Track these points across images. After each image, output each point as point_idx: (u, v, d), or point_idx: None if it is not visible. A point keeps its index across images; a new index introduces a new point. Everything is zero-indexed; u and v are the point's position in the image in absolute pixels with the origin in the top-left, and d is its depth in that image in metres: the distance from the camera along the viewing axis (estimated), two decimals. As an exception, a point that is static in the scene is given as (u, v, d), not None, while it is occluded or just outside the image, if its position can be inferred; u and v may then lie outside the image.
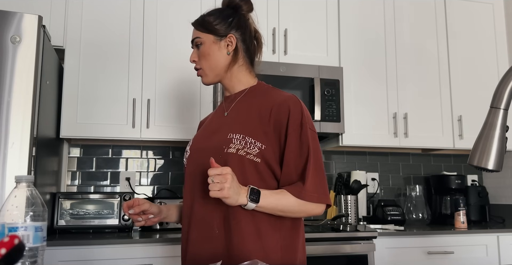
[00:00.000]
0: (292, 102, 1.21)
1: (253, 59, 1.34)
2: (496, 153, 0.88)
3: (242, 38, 1.30)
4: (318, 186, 1.16)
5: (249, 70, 1.33)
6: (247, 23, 1.33)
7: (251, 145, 1.18)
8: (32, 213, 0.82)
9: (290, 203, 1.15)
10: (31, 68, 1.72)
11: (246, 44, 1.31)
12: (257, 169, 1.18)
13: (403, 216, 2.70)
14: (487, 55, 2.98)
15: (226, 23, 1.30)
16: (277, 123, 1.19)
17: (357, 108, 2.68)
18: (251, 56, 1.33)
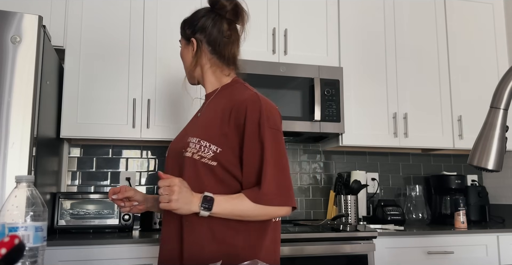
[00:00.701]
0: (250, 101, 1.18)
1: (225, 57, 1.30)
2: (496, 153, 0.88)
3: (207, 40, 1.29)
4: (277, 188, 1.13)
5: (220, 70, 1.31)
6: (216, 22, 1.29)
7: (205, 149, 1.17)
8: (32, 213, 0.82)
9: (247, 208, 1.12)
10: (31, 68, 1.72)
11: (213, 44, 1.29)
12: (213, 173, 1.16)
13: (403, 216, 2.70)
14: (487, 55, 2.98)
15: (192, 26, 1.31)
16: (236, 124, 1.17)
17: (357, 108, 2.68)
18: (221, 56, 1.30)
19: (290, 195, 1.15)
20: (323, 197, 2.91)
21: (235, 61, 1.33)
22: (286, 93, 2.48)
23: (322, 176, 2.94)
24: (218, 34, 1.28)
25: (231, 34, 1.30)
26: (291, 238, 2.11)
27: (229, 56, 1.30)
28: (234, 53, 1.31)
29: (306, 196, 2.89)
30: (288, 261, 2.08)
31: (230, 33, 1.30)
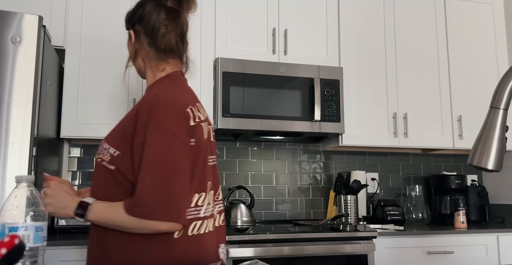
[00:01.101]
0: (147, 101, 1.07)
1: (161, 49, 1.20)
2: (496, 153, 0.88)
3: (144, 31, 1.20)
4: (155, 199, 0.98)
5: (155, 64, 1.22)
6: (154, 11, 1.19)
7: (105, 152, 1.11)
8: (33, 213, 0.82)
9: (121, 218, 1.00)
10: (32, 68, 1.72)
11: (150, 36, 1.19)
12: (113, 176, 1.08)
13: (403, 216, 2.70)
14: (487, 55, 2.98)
15: (132, 17, 1.24)
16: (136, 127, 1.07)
17: (357, 108, 2.68)
18: (158, 48, 1.20)
19: (173, 209, 0.99)
20: (323, 197, 2.91)
21: (172, 54, 1.21)
22: (286, 93, 2.48)
23: (322, 176, 2.94)
24: (155, 24, 1.18)
25: (169, 24, 1.18)
26: (291, 238, 2.11)
27: (165, 48, 1.19)
28: (171, 44, 1.19)
29: (306, 196, 2.89)
30: (288, 261, 2.08)
31: (168, 23, 1.18)
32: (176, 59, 1.24)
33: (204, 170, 1.11)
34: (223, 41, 2.52)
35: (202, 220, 1.09)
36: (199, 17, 2.51)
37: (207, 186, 1.12)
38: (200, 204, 1.09)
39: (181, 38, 1.22)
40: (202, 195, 1.10)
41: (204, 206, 1.09)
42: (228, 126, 2.37)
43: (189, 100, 1.12)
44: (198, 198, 1.09)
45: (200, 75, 2.46)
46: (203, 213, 1.09)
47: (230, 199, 2.65)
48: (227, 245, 2.03)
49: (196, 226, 1.07)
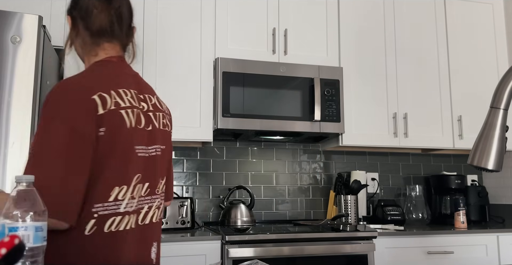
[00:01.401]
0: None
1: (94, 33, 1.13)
2: (496, 153, 0.88)
3: (79, 15, 1.14)
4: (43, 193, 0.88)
5: (89, 48, 1.15)
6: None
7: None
8: (32, 213, 0.82)
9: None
10: (31, 68, 1.72)
11: (84, 19, 1.13)
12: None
13: (403, 216, 2.70)
14: (487, 55, 2.98)
15: (69, 4, 1.18)
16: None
17: (357, 108, 2.68)
18: (91, 33, 1.13)
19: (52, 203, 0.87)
20: (323, 197, 2.91)
21: (106, 37, 1.14)
22: (286, 93, 2.48)
23: (322, 176, 2.94)
24: (88, 7, 1.13)
25: (100, 5, 1.13)
26: (291, 238, 2.11)
27: (98, 30, 1.13)
28: (102, 25, 1.13)
29: (306, 196, 2.89)
30: (288, 261, 2.08)
31: (99, 4, 1.13)
32: (113, 44, 1.16)
33: (127, 162, 1.01)
34: (223, 41, 2.52)
35: (122, 215, 1.00)
36: (199, 17, 2.51)
37: (131, 178, 1.02)
38: (120, 198, 0.99)
39: (119, 21, 1.15)
40: (123, 189, 1.00)
41: (125, 201, 1.00)
42: (228, 126, 2.37)
43: (105, 85, 1.02)
44: (118, 191, 0.99)
45: (200, 75, 2.46)
46: (124, 208, 1.00)
47: (230, 199, 2.65)
48: (227, 245, 2.03)
49: (115, 222, 0.98)
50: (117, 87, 1.05)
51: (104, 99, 0.99)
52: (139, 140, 1.06)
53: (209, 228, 2.43)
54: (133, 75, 1.15)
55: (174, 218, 2.35)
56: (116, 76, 1.09)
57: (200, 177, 2.73)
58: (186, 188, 2.69)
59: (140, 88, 1.13)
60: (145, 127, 1.09)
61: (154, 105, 1.15)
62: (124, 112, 1.02)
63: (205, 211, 2.70)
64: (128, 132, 1.02)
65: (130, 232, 1.01)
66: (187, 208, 2.38)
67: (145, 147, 1.08)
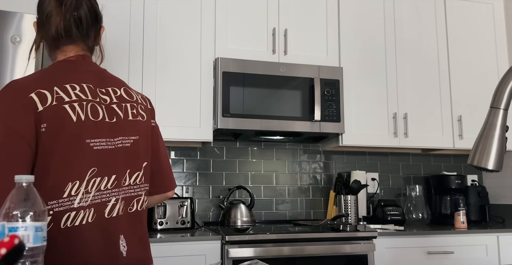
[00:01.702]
0: None
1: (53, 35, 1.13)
2: (496, 153, 0.88)
3: (41, 21, 1.15)
4: None
5: (50, 52, 1.18)
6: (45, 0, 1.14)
7: None
8: (32, 213, 0.82)
9: None
10: (31, 68, 1.72)
11: (43, 24, 1.14)
12: None
13: (403, 216, 2.70)
14: (487, 55, 2.98)
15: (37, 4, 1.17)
16: None
17: (357, 108, 2.68)
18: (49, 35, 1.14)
19: None
20: (323, 197, 2.91)
21: (63, 40, 1.14)
22: (286, 93, 2.48)
23: (322, 176, 2.94)
24: (45, 11, 1.13)
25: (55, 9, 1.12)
26: (291, 238, 2.11)
27: (54, 33, 1.13)
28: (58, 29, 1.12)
29: (306, 196, 2.89)
30: (288, 261, 2.08)
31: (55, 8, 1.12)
32: (73, 45, 1.16)
33: (77, 156, 1.01)
34: (223, 41, 2.52)
35: (77, 211, 0.99)
36: (199, 17, 2.51)
37: (85, 173, 1.01)
38: (73, 194, 0.99)
39: (76, 24, 1.13)
40: (76, 184, 1.00)
41: (79, 196, 1.00)
42: (228, 126, 2.37)
43: (48, 82, 1.03)
44: (71, 187, 0.99)
45: (200, 75, 2.46)
46: (78, 204, 0.99)
47: (230, 199, 2.65)
48: (227, 245, 2.03)
49: (70, 218, 0.98)
50: (63, 83, 1.05)
51: (44, 96, 1.00)
52: (93, 132, 1.04)
53: (209, 228, 2.43)
54: (96, 71, 1.15)
55: (174, 218, 2.35)
56: (65, 72, 1.09)
57: (200, 177, 2.73)
58: (186, 188, 2.69)
59: (102, 82, 1.13)
60: (106, 119, 1.08)
61: (120, 96, 1.14)
62: (68, 106, 1.02)
63: (205, 211, 2.70)
64: (74, 126, 1.02)
65: (89, 227, 1.00)
66: (187, 208, 2.38)
67: (106, 139, 1.06)
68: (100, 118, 1.06)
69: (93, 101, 1.07)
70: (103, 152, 1.05)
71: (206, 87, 2.45)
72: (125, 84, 1.20)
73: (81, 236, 0.99)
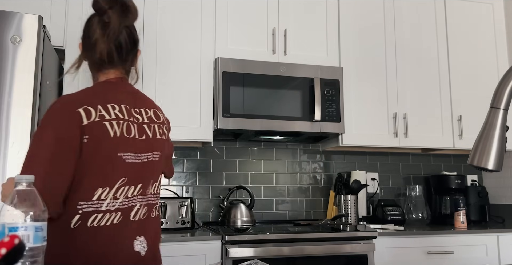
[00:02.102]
0: None
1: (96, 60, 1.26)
2: (496, 153, 0.88)
3: (84, 43, 1.29)
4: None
5: (92, 74, 1.32)
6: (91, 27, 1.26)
7: None
8: (33, 213, 0.82)
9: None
10: (31, 68, 1.72)
11: (87, 48, 1.28)
12: None
13: (403, 216, 2.70)
14: (487, 55, 2.98)
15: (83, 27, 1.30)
16: None
17: (357, 108, 2.68)
18: (93, 58, 1.27)
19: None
20: (323, 197, 2.91)
21: (105, 64, 1.27)
22: (286, 93, 2.48)
23: (322, 176, 2.94)
24: (90, 37, 1.26)
25: (100, 38, 1.24)
26: (291, 238, 2.11)
27: (98, 58, 1.26)
28: (102, 56, 1.25)
29: (306, 196, 2.89)
30: (288, 261, 2.08)
31: (99, 37, 1.24)
32: (113, 69, 1.29)
33: (110, 166, 1.15)
34: (223, 41, 2.52)
35: (104, 213, 1.13)
36: (199, 17, 2.51)
37: (115, 181, 1.15)
38: (103, 198, 1.13)
39: (118, 50, 1.26)
40: (105, 190, 1.14)
41: (107, 200, 1.14)
42: (228, 126, 2.37)
43: (93, 101, 1.17)
44: (101, 192, 1.14)
45: (200, 75, 2.46)
46: (105, 207, 1.13)
47: (230, 199, 2.65)
48: (227, 245, 2.04)
49: (97, 219, 1.12)
50: (106, 103, 1.19)
51: (89, 112, 1.14)
52: (126, 148, 1.19)
53: (209, 228, 2.43)
54: (131, 92, 1.29)
55: (174, 218, 2.35)
56: (107, 93, 1.22)
57: (200, 177, 2.73)
58: (186, 188, 2.69)
59: (136, 103, 1.27)
60: (136, 137, 1.22)
61: (150, 117, 1.29)
62: (108, 123, 1.16)
63: (205, 211, 2.70)
64: (111, 140, 1.16)
65: (113, 227, 1.14)
66: (187, 208, 2.38)
67: (135, 154, 1.21)
68: (132, 135, 1.21)
69: (128, 120, 1.21)
70: (133, 165, 1.20)
71: (206, 87, 2.45)
72: (155, 106, 1.35)
73: (104, 235, 1.13)
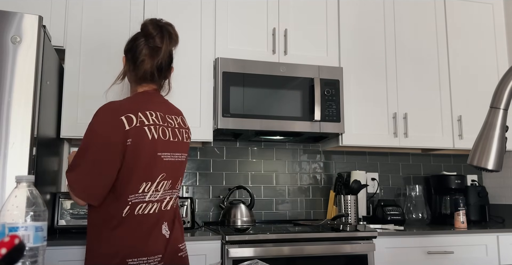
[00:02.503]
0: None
1: (137, 76, 1.49)
2: (496, 153, 0.88)
3: (130, 59, 1.50)
4: (74, 180, 1.33)
5: (133, 84, 1.53)
6: (138, 47, 1.48)
7: None
8: (33, 213, 0.82)
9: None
10: (32, 68, 1.72)
11: (133, 64, 1.49)
12: None
13: (403, 216, 2.70)
14: (487, 55, 2.98)
15: (126, 45, 1.54)
16: None
17: (357, 108, 2.68)
18: (137, 74, 1.49)
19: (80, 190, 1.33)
20: (323, 197, 2.92)
21: (147, 81, 1.49)
22: (286, 93, 2.48)
23: (322, 176, 2.94)
24: (138, 57, 1.48)
25: (146, 59, 1.46)
26: (291, 238, 2.11)
27: (141, 76, 1.48)
28: (146, 75, 1.47)
29: (306, 196, 2.89)
30: (288, 261, 2.08)
31: (146, 58, 1.46)
32: (152, 84, 1.51)
33: (153, 164, 1.36)
34: (223, 41, 2.52)
35: (147, 203, 1.36)
36: (199, 17, 2.51)
37: (156, 176, 1.38)
38: (146, 191, 1.36)
39: (159, 70, 1.48)
40: (148, 184, 1.36)
41: (149, 193, 1.36)
42: (228, 126, 2.37)
43: (134, 109, 1.37)
44: (145, 186, 1.36)
45: (200, 75, 2.46)
46: (148, 198, 1.36)
47: (230, 199, 2.65)
48: (227, 245, 2.04)
49: (142, 208, 1.35)
50: (145, 110, 1.40)
51: (130, 119, 1.35)
52: (163, 148, 1.40)
53: (209, 228, 2.43)
54: (163, 102, 1.51)
55: (174, 218, 2.35)
56: (146, 102, 1.44)
57: (200, 177, 2.73)
58: (186, 188, 2.69)
59: (168, 111, 1.49)
60: (171, 139, 1.44)
61: (179, 123, 1.51)
62: (147, 128, 1.37)
63: (205, 211, 2.70)
64: (150, 142, 1.36)
65: (152, 215, 1.37)
66: (187, 208, 2.38)
67: (170, 154, 1.42)
68: (167, 137, 1.42)
69: (163, 125, 1.43)
70: (169, 163, 1.42)
71: (206, 87, 2.45)
72: (181, 113, 1.57)
73: (147, 221, 1.35)
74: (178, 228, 1.46)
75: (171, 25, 1.51)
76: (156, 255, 1.33)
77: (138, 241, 1.33)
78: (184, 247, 1.47)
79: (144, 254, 1.31)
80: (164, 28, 1.48)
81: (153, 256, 1.32)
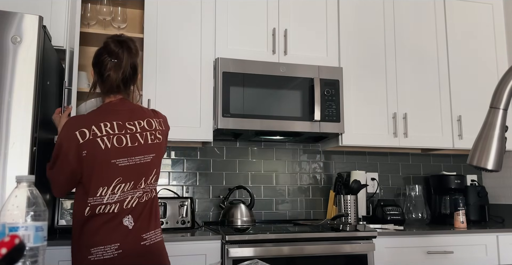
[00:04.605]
0: None
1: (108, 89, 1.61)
2: (496, 153, 0.88)
3: (97, 73, 1.62)
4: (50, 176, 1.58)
5: (102, 96, 1.66)
6: (103, 62, 1.59)
7: None
8: (33, 213, 0.82)
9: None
10: (32, 68, 1.72)
11: (99, 78, 1.62)
12: None
13: (403, 216, 2.71)
14: (487, 55, 2.98)
15: (93, 59, 1.64)
16: None
17: (357, 108, 2.68)
18: (105, 86, 1.61)
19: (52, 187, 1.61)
20: (323, 197, 2.92)
21: (113, 93, 1.62)
22: (286, 93, 2.48)
23: (322, 176, 2.94)
24: (103, 71, 1.60)
25: (111, 73, 1.58)
26: (291, 238, 2.11)
27: (108, 89, 1.61)
28: (112, 87, 1.60)
29: (306, 196, 2.89)
30: (288, 261, 2.08)
31: (111, 72, 1.58)
32: (119, 95, 1.63)
33: (108, 170, 1.50)
34: (223, 41, 2.52)
35: (105, 205, 1.50)
36: (199, 17, 2.51)
37: (111, 181, 1.51)
38: (103, 194, 1.50)
39: (124, 81, 1.60)
40: (105, 188, 1.51)
41: (106, 196, 1.50)
42: (228, 126, 2.37)
43: (90, 123, 1.52)
44: (102, 190, 1.50)
45: (200, 75, 2.46)
46: (106, 200, 1.50)
47: (230, 199, 2.65)
48: (227, 245, 2.04)
49: (101, 209, 1.50)
50: (100, 122, 1.53)
51: (83, 133, 1.51)
52: (117, 155, 1.52)
53: (209, 228, 2.43)
54: (129, 109, 1.61)
55: (174, 218, 2.35)
56: (107, 113, 1.57)
57: (200, 177, 2.73)
58: (186, 188, 2.69)
59: (131, 117, 1.59)
60: (128, 145, 1.55)
61: (143, 127, 1.60)
62: (99, 139, 1.51)
63: (205, 211, 2.71)
64: (103, 152, 1.50)
65: (111, 213, 1.52)
66: (187, 208, 2.38)
67: (127, 158, 1.54)
68: (123, 144, 1.53)
69: (119, 133, 1.54)
70: (125, 167, 1.54)
71: (206, 87, 2.46)
72: (149, 115, 1.64)
73: (106, 217, 1.51)
74: (145, 219, 1.57)
75: (132, 40, 1.62)
76: (112, 244, 1.48)
77: (98, 234, 1.50)
78: (149, 236, 1.56)
79: (101, 244, 1.48)
80: (124, 43, 1.60)
81: (109, 245, 1.48)
